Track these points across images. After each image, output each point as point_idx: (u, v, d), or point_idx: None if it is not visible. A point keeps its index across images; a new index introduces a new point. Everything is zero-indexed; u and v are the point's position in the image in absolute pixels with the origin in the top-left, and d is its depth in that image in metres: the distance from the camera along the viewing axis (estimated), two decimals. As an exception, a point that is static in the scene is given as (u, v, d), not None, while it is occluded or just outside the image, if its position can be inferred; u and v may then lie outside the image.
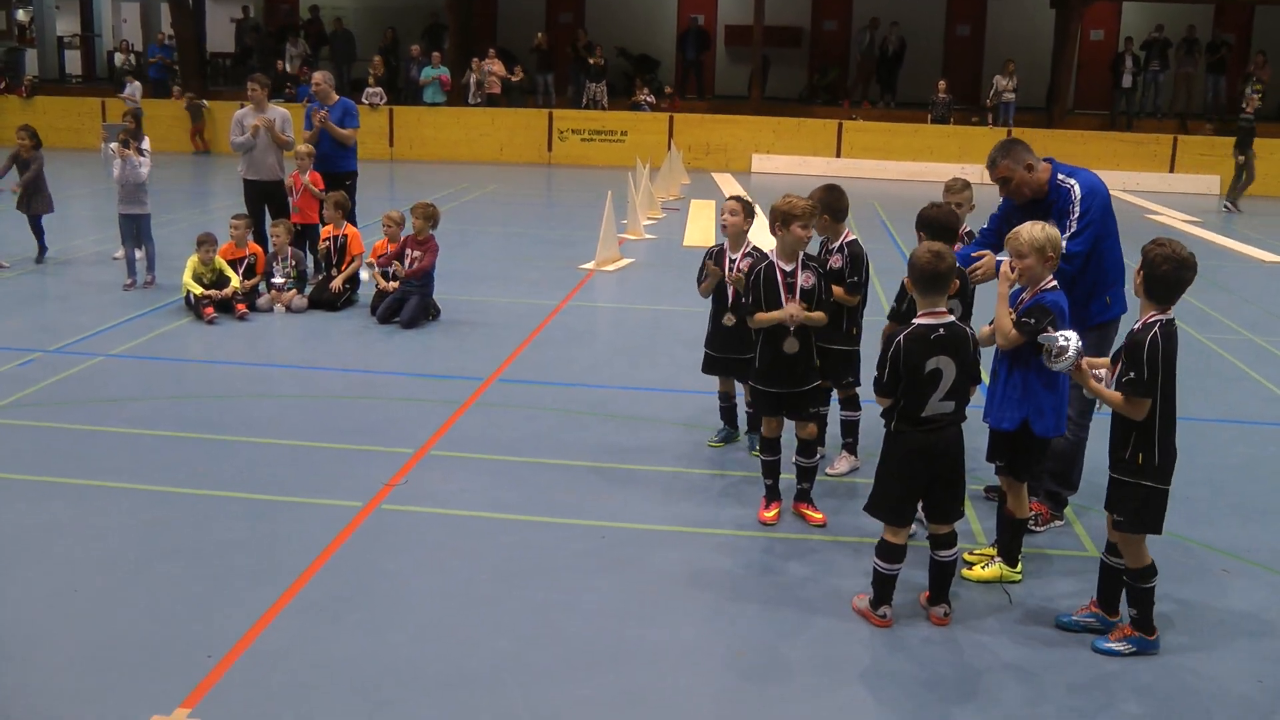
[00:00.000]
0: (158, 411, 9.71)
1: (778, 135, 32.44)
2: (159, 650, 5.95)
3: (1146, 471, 6.04)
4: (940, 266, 6.23)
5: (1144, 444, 6.02)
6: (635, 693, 5.75)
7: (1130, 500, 6.07)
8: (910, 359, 6.16)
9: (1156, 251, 6.02)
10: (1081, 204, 7.40)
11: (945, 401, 6.23)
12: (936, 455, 6.28)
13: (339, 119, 14.98)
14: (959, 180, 8.99)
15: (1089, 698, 5.82)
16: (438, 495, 8.08)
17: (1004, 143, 7.82)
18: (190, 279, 12.85)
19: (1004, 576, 6.99)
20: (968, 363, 6.26)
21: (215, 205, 21.54)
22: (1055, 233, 6.73)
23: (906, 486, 6.35)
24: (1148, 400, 5.92)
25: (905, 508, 6.39)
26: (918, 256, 6.33)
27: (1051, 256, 6.66)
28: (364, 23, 38.35)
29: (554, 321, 13.33)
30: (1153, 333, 5.93)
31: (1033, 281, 6.68)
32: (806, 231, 7.60)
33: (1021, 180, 7.58)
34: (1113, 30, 36.95)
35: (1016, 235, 6.69)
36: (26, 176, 15.73)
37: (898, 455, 6.35)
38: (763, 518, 7.86)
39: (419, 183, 26.63)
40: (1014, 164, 7.59)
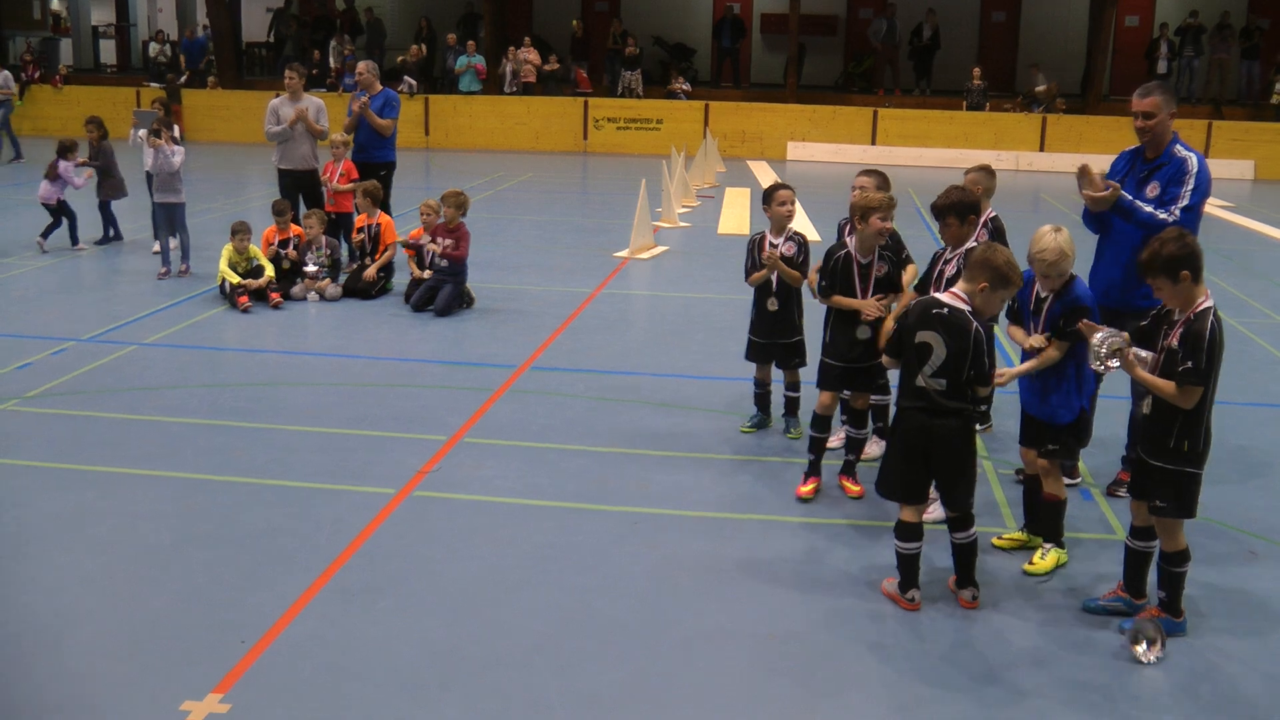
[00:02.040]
0: (192, 399, 9.76)
1: (813, 123, 32.36)
2: (192, 636, 5.99)
3: (1190, 458, 6.04)
4: (993, 259, 6.27)
5: (1189, 431, 6.01)
6: (667, 675, 5.76)
7: (1173, 486, 6.06)
8: (906, 324, 6.36)
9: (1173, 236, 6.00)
10: (1197, 178, 7.51)
11: (937, 378, 6.25)
12: (934, 441, 6.31)
13: (379, 108, 15.04)
14: (983, 166, 9.11)
15: (1114, 679, 5.81)
16: (470, 482, 8.11)
17: (1163, 83, 7.90)
18: (225, 267, 12.92)
19: (1060, 561, 7.01)
20: (962, 350, 6.22)
21: (250, 194, 21.64)
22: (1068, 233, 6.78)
23: (906, 465, 6.40)
24: (1201, 389, 5.90)
25: (910, 487, 6.43)
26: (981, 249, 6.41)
27: (1070, 255, 6.77)
28: (400, 12, 38.45)
29: (588, 309, 13.34)
30: (1210, 321, 5.90)
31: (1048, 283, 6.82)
32: (886, 224, 7.77)
33: (1161, 123, 7.64)
34: (1148, 16, 36.74)
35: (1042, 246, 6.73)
36: (96, 164, 16.45)
37: (897, 434, 6.47)
38: (800, 492, 8.01)
39: (455, 171, 26.70)
40: (1165, 104, 7.66)
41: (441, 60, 34.77)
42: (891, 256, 7.90)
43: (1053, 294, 6.81)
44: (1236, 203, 24.42)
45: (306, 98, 15.07)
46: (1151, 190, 7.62)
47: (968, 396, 6.34)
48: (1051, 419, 6.93)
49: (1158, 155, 7.68)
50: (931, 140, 31.30)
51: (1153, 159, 7.70)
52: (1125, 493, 7.95)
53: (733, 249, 17.28)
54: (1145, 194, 7.64)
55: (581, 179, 28.04)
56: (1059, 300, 6.77)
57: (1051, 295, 6.81)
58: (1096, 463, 8.61)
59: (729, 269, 15.66)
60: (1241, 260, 17.54)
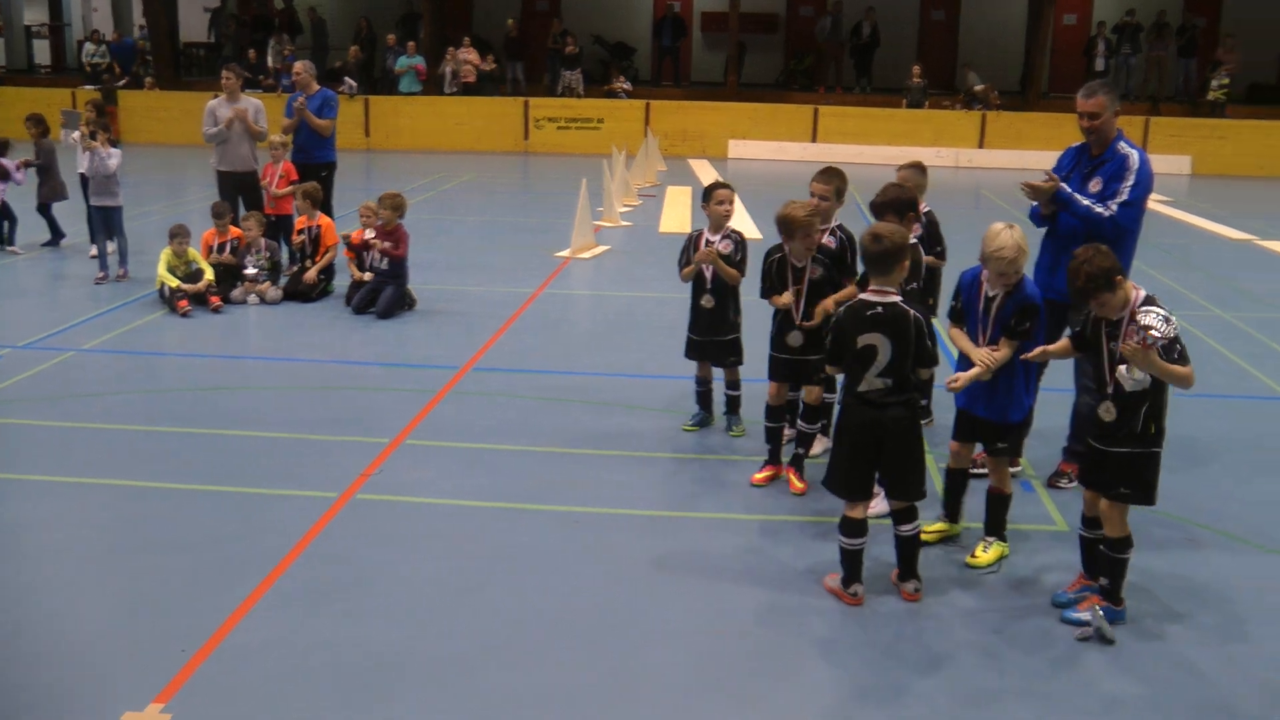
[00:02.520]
0: (131, 405, 9.68)
1: (754, 121, 32.43)
2: (133, 646, 5.95)
3: (1154, 439, 6.18)
4: (873, 248, 6.33)
5: (1156, 413, 6.15)
6: (610, 674, 5.78)
7: (1136, 470, 6.17)
8: (843, 333, 6.33)
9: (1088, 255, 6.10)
10: (1137, 174, 7.64)
11: (882, 378, 6.30)
12: (882, 432, 6.35)
13: (317, 109, 14.97)
14: (916, 163, 9.17)
15: (1055, 667, 5.89)
16: (414, 484, 8.08)
17: (1106, 82, 8.03)
18: (164, 271, 12.81)
19: (1002, 554, 7.09)
20: (906, 343, 6.29)
21: (189, 197, 21.45)
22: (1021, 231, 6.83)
23: (853, 461, 6.42)
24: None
25: (856, 482, 6.46)
26: (861, 237, 6.49)
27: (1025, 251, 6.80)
28: (338, 12, 38.20)
29: (529, 309, 13.32)
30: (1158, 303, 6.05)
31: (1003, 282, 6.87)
32: (814, 238, 7.94)
33: (1106, 122, 7.79)
34: (1085, 15, 37.19)
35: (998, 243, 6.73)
36: (38, 163, 16.15)
37: (844, 430, 6.48)
38: (754, 479, 8.21)
39: (396, 172, 26.56)
40: (1110, 103, 7.80)
41: (381, 61, 34.59)
42: (825, 260, 8.01)
43: (1004, 293, 6.84)
44: (1174, 198, 24.68)
45: (244, 98, 14.96)
46: (1094, 185, 7.77)
47: (912, 385, 6.39)
48: (1002, 418, 7.00)
49: (1102, 152, 7.83)
50: (872, 138, 31.40)
51: (1097, 156, 7.85)
52: (1068, 483, 8.09)
53: (674, 248, 17.16)
54: (1088, 189, 7.79)
55: (523, 179, 28.00)
56: (1011, 299, 6.81)
57: (1002, 294, 6.84)
58: (1037, 454, 8.69)
59: (671, 268, 15.55)
60: (1180, 254, 17.73)
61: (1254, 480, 8.59)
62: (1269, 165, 30.64)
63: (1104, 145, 7.82)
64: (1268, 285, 15.39)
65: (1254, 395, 10.68)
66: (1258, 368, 11.43)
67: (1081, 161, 7.98)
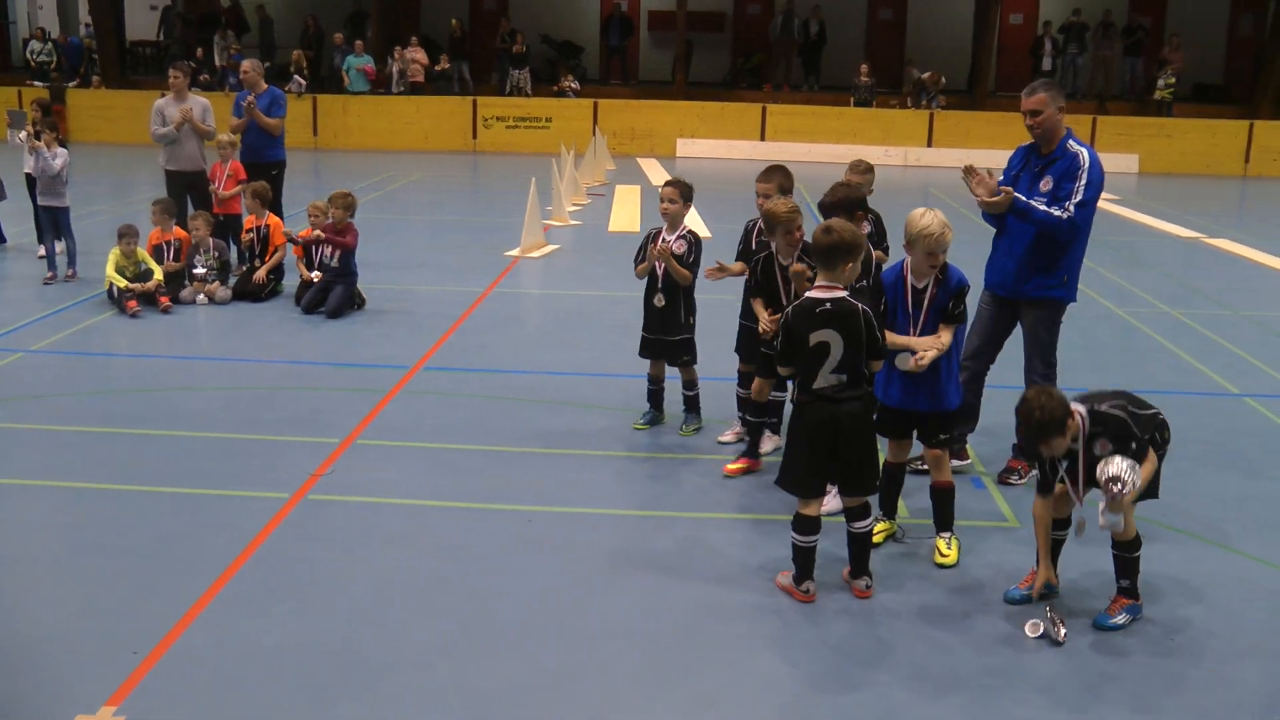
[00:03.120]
0: (80, 407, 9.62)
1: (702, 120, 32.52)
2: (83, 649, 5.90)
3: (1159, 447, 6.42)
4: (823, 240, 6.37)
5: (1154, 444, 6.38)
6: (564, 671, 5.80)
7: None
8: (795, 330, 6.33)
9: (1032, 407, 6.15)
10: (1089, 173, 7.68)
11: (836, 374, 6.33)
12: (838, 428, 6.39)
13: (266, 108, 14.89)
14: (863, 163, 9.24)
15: (1005, 660, 5.95)
16: (365, 484, 8.07)
17: (1048, 80, 8.06)
18: (113, 272, 12.71)
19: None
20: (858, 338, 6.33)
21: (137, 197, 21.29)
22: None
23: (809, 458, 6.44)
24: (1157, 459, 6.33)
25: (811, 480, 6.49)
26: (813, 231, 6.53)
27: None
28: (285, 10, 38.01)
29: (479, 308, 13.32)
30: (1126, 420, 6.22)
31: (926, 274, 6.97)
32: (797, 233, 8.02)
33: (1049, 118, 7.80)
34: (1032, 14, 37.52)
35: (923, 225, 6.82)
36: None
37: (800, 428, 6.48)
38: (726, 469, 8.43)
39: (344, 171, 26.46)
40: (1052, 100, 7.82)
41: (329, 59, 34.46)
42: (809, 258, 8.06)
43: (933, 281, 6.92)
44: (1122, 196, 24.94)
45: (192, 97, 14.87)
46: (1045, 184, 7.83)
47: (865, 379, 6.45)
48: (943, 407, 7.08)
49: (1051, 150, 7.88)
50: (820, 136, 31.55)
51: (1046, 154, 7.91)
52: (1018, 480, 8.18)
53: (623, 246, 17.30)
54: (1039, 188, 7.86)
55: (472, 178, 27.96)
56: (941, 288, 6.90)
57: (932, 284, 6.92)
58: (985, 450, 8.78)
59: (620, 266, 15.67)
60: (1128, 251, 17.93)
61: (1201, 475, 8.69)
62: (1215, 164, 31.12)
63: (1052, 143, 7.87)
64: (1215, 282, 15.57)
65: (1202, 391, 10.79)
66: (1206, 364, 11.57)
67: (1031, 160, 8.03)
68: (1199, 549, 7.45)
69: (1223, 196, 27.42)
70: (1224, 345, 12.37)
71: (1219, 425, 9.93)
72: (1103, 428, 6.16)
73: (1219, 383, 11.10)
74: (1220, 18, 37.14)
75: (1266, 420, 10.08)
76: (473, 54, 35.19)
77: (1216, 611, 6.62)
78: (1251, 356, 12.01)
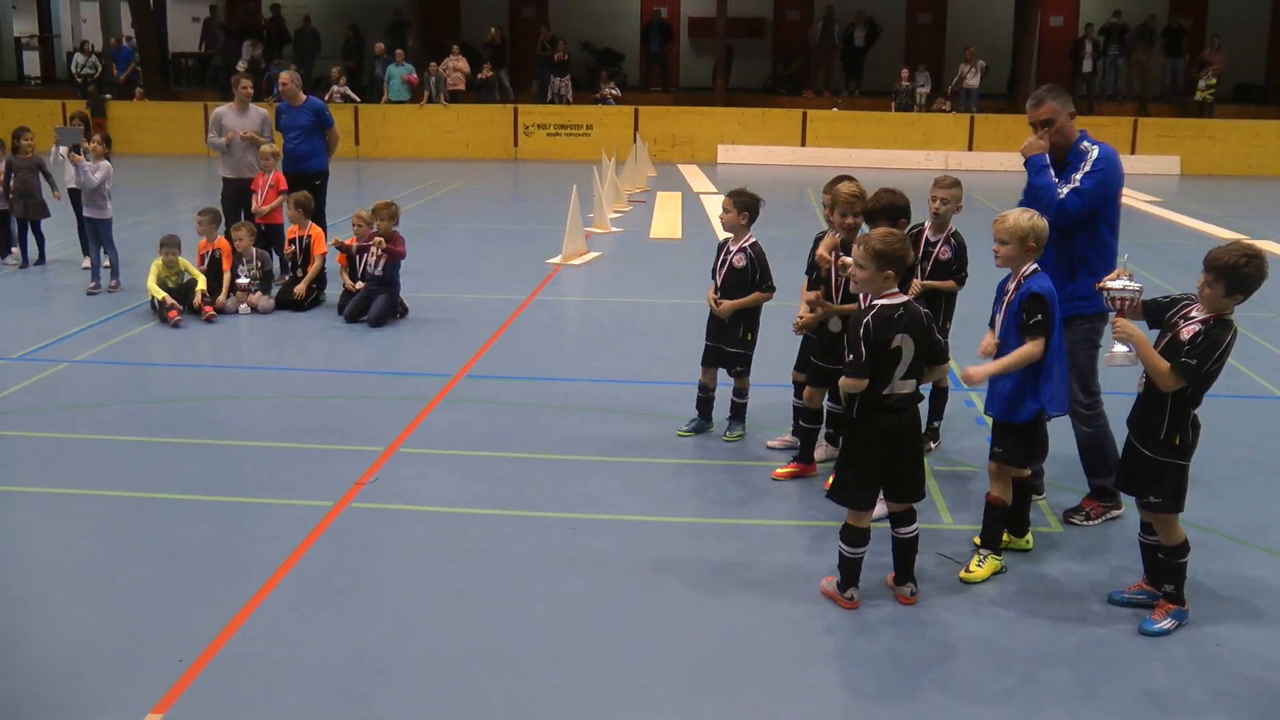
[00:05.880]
0: (124, 416, 9.68)
1: (743, 126, 32.50)
2: (128, 656, 5.94)
3: (1180, 451, 6.22)
4: (895, 246, 6.34)
5: (1179, 424, 6.19)
6: (606, 679, 5.79)
7: (1167, 481, 6.22)
8: (879, 336, 6.23)
9: (1240, 252, 6.06)
10: (1093, 164, 7.46)
11: (906, 380, 6.32)
12: (900, 438, 6.36)
13: (312, 121, 14.94)
14: (949, 177, 8.99)
15: (1048, 671, 5.90)
16: (407, 492, 8.09)
17: (1052, 86, 7.84)
18: (154, 284, 12.77)
19: (996, 568, 6.97)
20: (925, 341, 6.35)
21: (181, 207, 21.45)
22: (1042, 223, 6.82)
23: (871, 471, 6.40)
24: (1185, 385, 6.07)
25: (869, 493, 6.45)
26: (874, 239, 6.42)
27: (1033, 246, 6.77)
28: (326, 20, 38.18)
29: (521, 316, 13.33)
30: (1229, 335, 6.05)
31: (1015, 268, 6.83)
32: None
33: (1063, 126, 7.62)
34: (1072, 17, 37.29)
35: (1002, 220, 6.81)
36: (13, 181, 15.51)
37: (864, 441, 6.39)
38: (775, 473, 8.45)
39: (386, 181, 26.56)
40: (1061, 107, 7.62)
41: (370, 69, 34.60)
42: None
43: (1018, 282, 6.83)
44: (1164, 198, 24.79)
45: (253, 108, 15.00)
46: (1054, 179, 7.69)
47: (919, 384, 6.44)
48: (1004, 417, 6.91)
49: (1064, 156, 7.72)
50: (860, 141, 31.48)
51: (1061, 160, 7.74)
52: (1082, 520, 7.77)
53: (664, 253, 17.37)
54: None
55: (513, 186, 28.01)
56: (1023, 287, 6.77)
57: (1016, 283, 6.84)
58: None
59: (661, 273, 15.73)
60: (1165, 252, 17.81)
61: (1246, 479, 8.64)
62: (1257, 165, 30.83)
63: (1066, 149, 7.69)
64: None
65: (1246, 395, 10.70)
66: (1249, 367, 11.45)
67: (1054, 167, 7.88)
68: (1244, 554, 7.37)
69: (1266, 197, 27.14)
70: (1267, 348, 12.25)
71: (1263, 428, 9.84)
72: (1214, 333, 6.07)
73: (1263, 385, 10.99)
74: (1262, 18, 36.81)
75: (1314, 424, 9.98)
76: (513, 62, 35.23)
77: (1264, 618, 6.55)
78: (1298, 360, 11.89)
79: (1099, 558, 7.23)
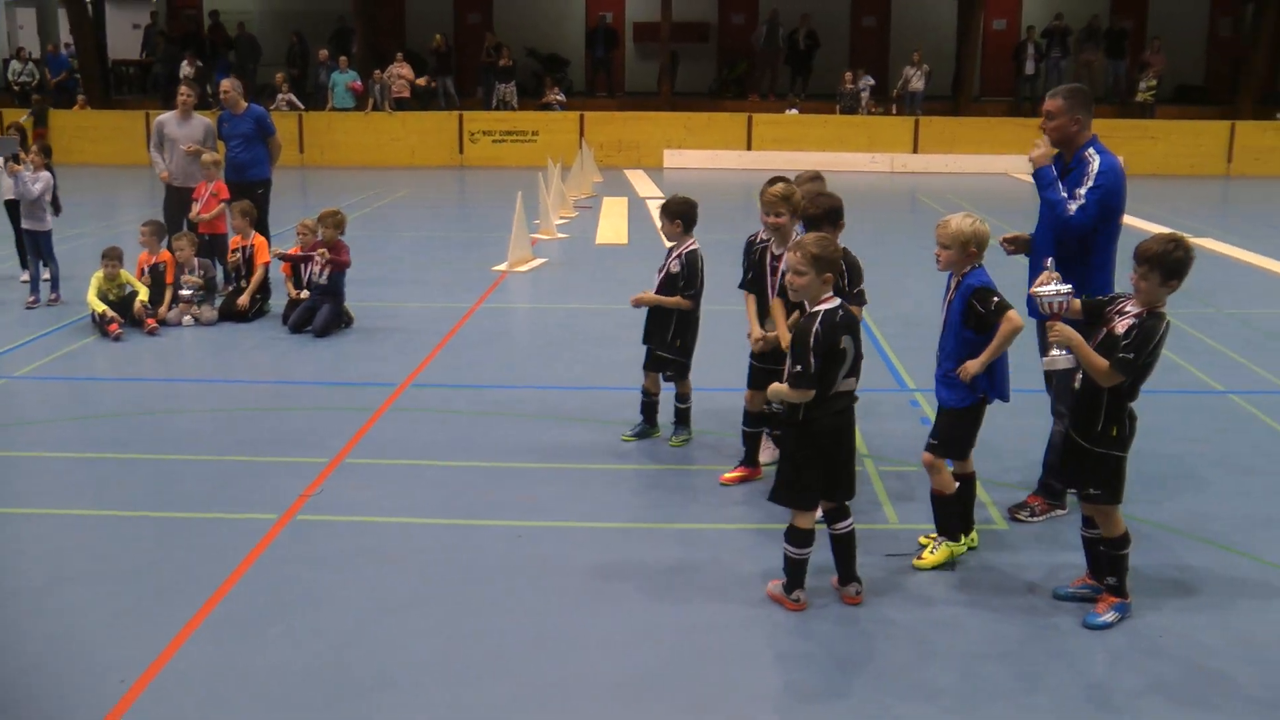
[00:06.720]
0: (65, 433, 9.58)
1: (689, 130, 32.54)
2: (68, 679, 5.85)
3: (1120, 443, 6.29)
4: (830, 250, 6.39)
5: (1116, 418, 6.28)
6: (556, 686, 5.78)
7: (1106, 472, 6.29)
8: (829, 341, 6.26)
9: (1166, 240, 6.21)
10: (1096, 178, 7.53)
11: (849, 379, 6.40)
12: (841, 437, 6.43)
13: (254, 129, 14.82)
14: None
15: (992, 666, 5.94)
16: (354, 503, 8.04)
17: (1076, 87, 7.90)
18: (94, 297, 12.63)
19: (953, 553, 7.10)
20: (859, 342, 6.47)
21: (122, 218, 21.26)
22: (984, 229, 6.91)
23: (816, 472, 6.43)
24: (1123, 378, 6.17)
25: (814, 493, 6.49)
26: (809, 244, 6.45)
27: (974, 251, 6.87)
28: (269, 27, 37.98)
29: (468, 324, 13.30)
30: (1162, 326, 6.23)
31: (956, 271, 6.95)
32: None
33: (1063, 125, 7.67)
34: (1015, 20, 37.65)
35: (945, 224, 6.92)
36: None
37: (809, 443, 6.42)
38: (723, 478, 8.45)
39: (332, 188, 26.40)
40: (1069, 107, 7.67)
41: (314, 76, 34.41)
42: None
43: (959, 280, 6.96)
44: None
45: (196, 117, 14.88)
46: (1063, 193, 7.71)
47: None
48: (941, 402, 7.09)
49: (1070, 159, 7.74)
50: (806, 144, 31.59)
51: (1068, 163, 7.76)
52: (1028, 516, 7.84)
53: (611, 259, 17.36)
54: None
55: (459, 193, 27.96)
56: (964, 284, 6.91)
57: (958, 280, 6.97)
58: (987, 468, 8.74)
59: (608, 279, 15.73)
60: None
61: (1188, 472, 8.73)
62: (1198, 164, 31.25)
63: (1070, 151, 7.71)
64: (1199, 281, 15.45)
65: (1189, 390, 10.85)
66: (1191, 363, 11.58)
67: (1057, 169, 7.85)
68: (1186, 546, 7.47)
69: (1206, 196, 27.50)
70: (1209, 344, 12.37)
71: (1205, 423, 9.99)
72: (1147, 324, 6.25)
73: (1203, 380, 11.12)
74: (1201, 20, 37.32)
75: (1252, 417, 10.10)
76: (458, 69, 35.13)
77: (1204, 607, 6.64)
78: (1236, 354, 12.04)
79: (1044, 553, 7.31)
